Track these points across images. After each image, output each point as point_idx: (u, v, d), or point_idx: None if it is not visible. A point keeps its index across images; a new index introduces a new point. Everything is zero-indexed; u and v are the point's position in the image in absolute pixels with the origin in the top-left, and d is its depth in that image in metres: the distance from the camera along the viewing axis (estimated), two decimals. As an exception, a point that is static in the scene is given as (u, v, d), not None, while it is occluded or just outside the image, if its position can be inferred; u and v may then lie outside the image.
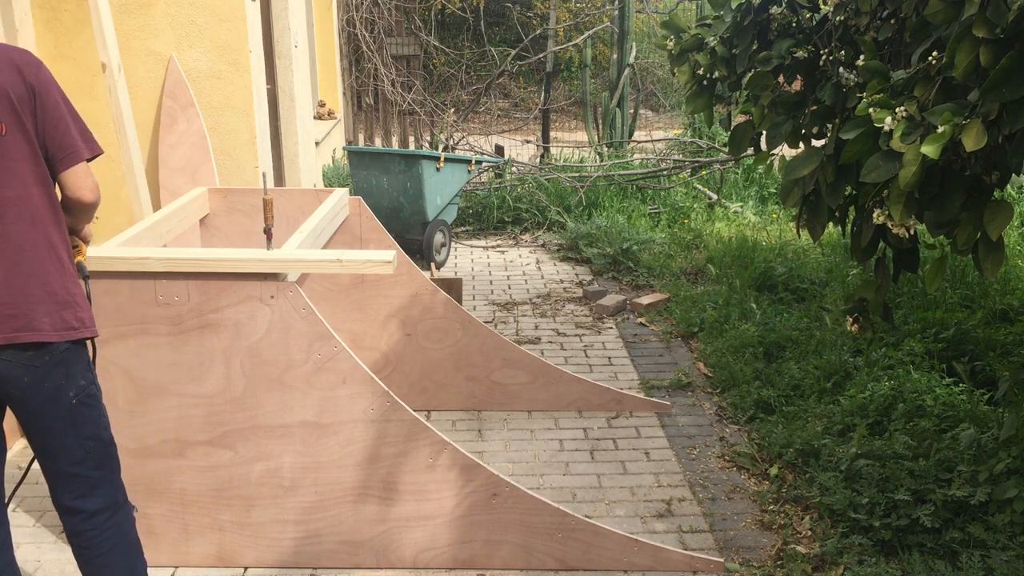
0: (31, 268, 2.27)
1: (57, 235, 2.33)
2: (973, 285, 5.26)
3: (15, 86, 2.22)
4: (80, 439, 2.39)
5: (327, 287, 4.10)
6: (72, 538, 2.47)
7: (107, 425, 2.48)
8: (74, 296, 2.36)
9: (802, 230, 2.91)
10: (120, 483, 2.53)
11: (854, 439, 3.65)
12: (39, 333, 2.27)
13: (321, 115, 9.47)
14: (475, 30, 13.53)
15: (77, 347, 2.38)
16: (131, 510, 2.56)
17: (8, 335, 2.24)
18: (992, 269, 2.17)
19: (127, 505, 2.54)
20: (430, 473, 2.94)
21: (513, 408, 4.29)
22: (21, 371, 2.28)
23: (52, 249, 2.31)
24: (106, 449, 2.46)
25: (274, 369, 2.85)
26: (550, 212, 7.73)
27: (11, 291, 2.25)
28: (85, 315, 2.38)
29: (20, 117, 2.22)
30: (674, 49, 3.34)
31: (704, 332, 5.17)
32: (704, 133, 9.55)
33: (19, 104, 2.22)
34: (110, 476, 2.48)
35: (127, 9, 4.82)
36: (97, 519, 2.45)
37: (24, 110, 2.23)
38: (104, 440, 2.46)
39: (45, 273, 2.29)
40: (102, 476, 2.45)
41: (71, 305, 2.34)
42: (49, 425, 2.35)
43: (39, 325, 2.27)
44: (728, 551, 3.18)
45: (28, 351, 2.27)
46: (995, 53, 1.95)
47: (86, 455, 2.41)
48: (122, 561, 2.50)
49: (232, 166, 5.11)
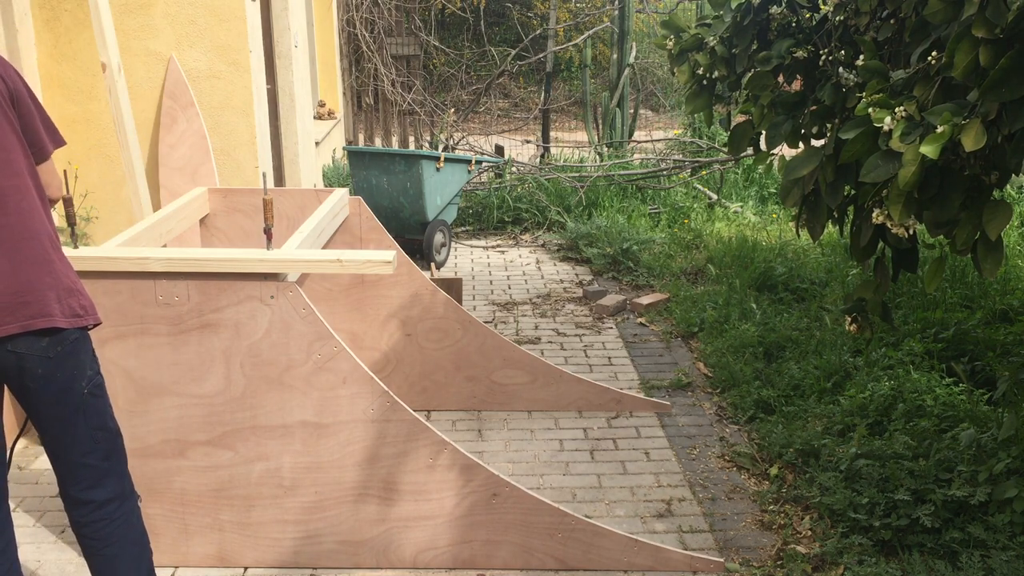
0: (36, 255, 2.29)
1: (51, 224, 2.37)
2: (973, 285, 5.26)
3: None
4: (89, 429, 2.42)
5: (327, 287, 4.10)
6: (80, 529, 2.49)
7: (113, 415, 2.51)
8: (76, 284, 2.39)
9: (802, 230, 2.91)
10: (126, 473, 2.55)
11: (854, 439, 3.65)
12: (53, 319, 2.29)
13: (321, 115, 9.47)
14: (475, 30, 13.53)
15: (84, 335, 2.40)
16: (137, 500, 2.59)
17: (24, 322, 2.25)
18: (991, 269, 2.17)
19: (134, 495, 2.57)
20: (430, 473, 2.94)
21: (513, 408, 4.29)
22: (35, 363, 2.29)
23: (51, 238, 2.35)
24: (113, 439, 2.49)
25: (274, 369, 2.85)
26: (550, 212, 7.73)
27: (20, 279, 2.26)
28: (87, 302, 2.41)
29: (7, 112, 2.27)
30: (674, 49, 3.34)
31: (704, 332, 5.17)
32: (704, 133, 9.55)
33: (4, 100, 2.27)
34: (118, 466, 2.51)
35: (127, 9, 4.82)
36: (106, 509, 2.47)
37: (7, 106, 2.28)
38: (111, 430, 2.48)
39: (49, 261, 2.32)
40: (110, 466, 2.48)
41: (75, 292, 2.37)
42: (61, 416, 2.37)
43: (51, 311, 2.29)
44: (728, 551, 3.18)
45: (44, 339, 2.29)
46: (995, 53, 1.95)
47: (95, 445, 2.43)
48: (130, 550, 2.52)
49: (232, 166, 5.11)
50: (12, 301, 2.24)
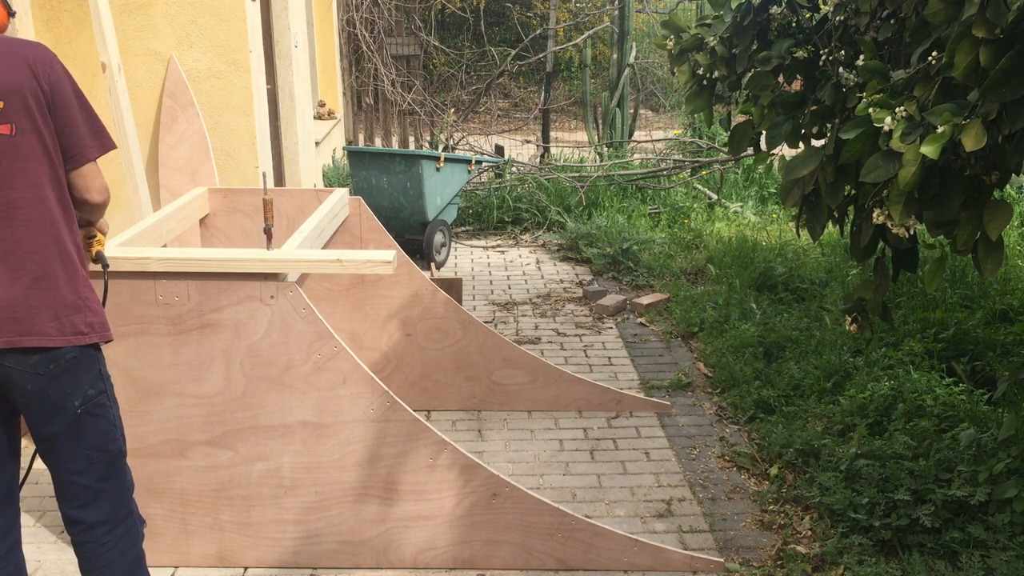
0: (39, 272, 2.23)
1: (69, 238, 2.29)
2: (973, 285, 5.26)
3: (29, 85, 2.17)
4: (84, 448, 2.35)
5: (327, 287, 4.10)
6: (73, 545, 2.46)
7: (117, 437, 2.42)
8: (86, 301, 2.31)
9: (802, 230, 2.91)
10: (126, 497, 2.47)
11: (854, 439, 3.65)
12: (43, 338, 2.23)
13: (321, 115, 9.47)
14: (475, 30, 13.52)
15: (86, 353, 2.32)
16: (138, 525, 2.51)
17: (10, 339, 2.20)
18: (992, 269, 2.17)
19: (130, 520, 2.48)
20: (430, 473, 2.94)
21: (513, 408, 4.29)
22: (24, 378, 2.24)
23: (63, 252, 2.26)
24: (112, 461, 2.41)
25: (274, 369, 2.85)
26: (550, 212, 7.73)
27: (14, 295, 2.20)
28: (95, 319, 2.32)
29: (34, 117, 2.18)
30: (674, 49, 3.34)
31: (704, 332, 5.17)
32: (704, 133, 9.55)
33: (34, 103, 2.18)
34: (114, 489, 2.42)
35: (127, 9, 4.82)
36: (96, 532, 2.40)
37: (39, 109, 2.19)
38: (111, 452, 2.40)
39: (54, 277, 2.25)
40: (104, 488, 2.40)
41: (82, 309, 2.29)
42: (52, 433, 2.31)
43: (43, 330, 2.23)
44: (728, 551, 3.18)
45: (33, 356, 2.23)
46: (995, 53, 1.95)
47: (88, 465, 2.36)
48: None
49: (232, 166, 5.11)
50: (2, 316, 2.19)
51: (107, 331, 2.36)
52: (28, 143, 2.19)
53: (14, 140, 2.18)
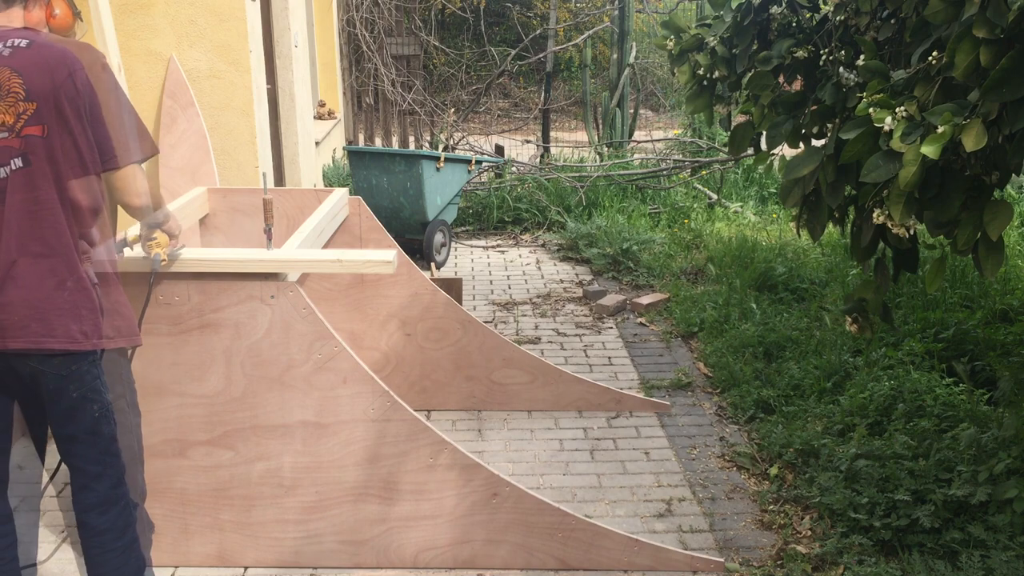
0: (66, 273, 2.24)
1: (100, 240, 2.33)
2: (973, 285, 5.26)
3: (65, 87, 2.18)
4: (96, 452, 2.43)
5: (327, 287, 4.10)
6: (81, 543, 2.51)
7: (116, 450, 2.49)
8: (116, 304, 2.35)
9: (802, 230, 2.91)
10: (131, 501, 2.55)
11: (854, 439, 3.65)
12: (67, 340, 2.26)
13: (321, 115, 9.47)
14: (475, 30, 13.52)
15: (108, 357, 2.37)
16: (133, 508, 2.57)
17: (35, 340, 2.22)
18: (992, 269, 2.17)
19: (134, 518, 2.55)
20: (430, 473, 2.94)
21: (513, 408, 4.29)
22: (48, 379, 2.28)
23: (68, 258, 2.27)
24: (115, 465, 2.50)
25: (274, 369, 2.85)
26: (550, 212, 7.73)
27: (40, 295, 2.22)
28: (122, 323, 2.36)
29: (67, 119, 2.18)
30: (674, 49, 3.34)
31: (704, 332, 5.17)
32: (704, 133, 9.54)
33: (68, 106, 2.18)
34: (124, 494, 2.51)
35: (127, 9, 4.82)
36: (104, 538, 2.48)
37: (73, 112, 2.19)
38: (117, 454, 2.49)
39: (80, 279, 2.27)
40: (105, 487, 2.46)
41: (109, 313, 2.33)
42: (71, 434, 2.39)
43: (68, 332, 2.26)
44: (728, 551, 3.18)
45: (55, 358, 2.27)
46: (995, 53, 1.95)
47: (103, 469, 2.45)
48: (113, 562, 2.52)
49: (232, 166, 5.11)
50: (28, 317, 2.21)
51: (135, 335, 2.40)
52: (60, 145, 2.19)
53: (46, 141, 2.17)
